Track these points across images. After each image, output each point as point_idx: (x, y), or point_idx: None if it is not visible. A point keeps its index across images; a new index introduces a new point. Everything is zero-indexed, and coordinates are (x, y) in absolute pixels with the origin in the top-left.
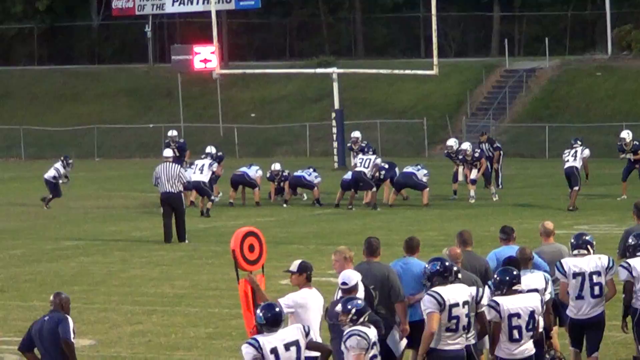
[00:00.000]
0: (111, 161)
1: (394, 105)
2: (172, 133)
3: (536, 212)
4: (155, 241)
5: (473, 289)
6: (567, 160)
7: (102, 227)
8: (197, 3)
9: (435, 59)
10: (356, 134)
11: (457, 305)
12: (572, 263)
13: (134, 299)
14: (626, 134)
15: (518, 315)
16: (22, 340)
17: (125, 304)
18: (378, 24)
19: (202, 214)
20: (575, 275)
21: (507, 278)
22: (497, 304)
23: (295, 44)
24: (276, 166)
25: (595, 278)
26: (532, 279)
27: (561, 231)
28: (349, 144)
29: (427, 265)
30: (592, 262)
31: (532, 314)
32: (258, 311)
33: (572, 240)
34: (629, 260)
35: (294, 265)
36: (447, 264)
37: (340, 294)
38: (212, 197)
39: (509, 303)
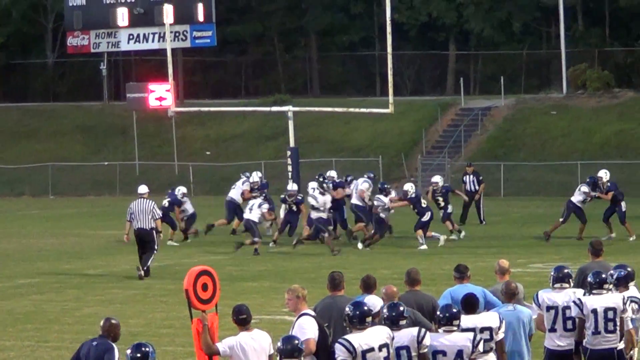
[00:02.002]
0: (65, 199)
1: (350, 144)
2: (257, 176)
3: (491, 250)
4: (109, 279)
5: (414, 330)
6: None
7: (56, 265)
8: (153, 41)
9: (390, 97)
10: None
11: (371, 350)
12: (547, 296)
13: (87, 338)
14: (603, 173)
15: (444, 353)
16: (72, 358)
17: (79, 342)
18: (333, 62)
19: (255, 252)
20: (548, 308)
21: (443, 316)
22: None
23: (251, 82)
24: (293, 187)
25: (567, 312)
26: (486, 317)
27: (516, 269)
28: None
29: (347, 309)
30: (566, 295)
31: (459, 353)
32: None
33: (553, 274)
34: (581, 298)
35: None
36: (364, 308)
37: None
38: (255, 238)
39: (442, 340)
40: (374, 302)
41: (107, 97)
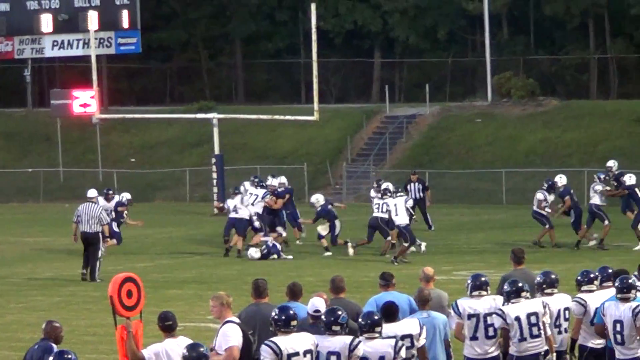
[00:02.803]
0: None
1: (275, 151)
2: (280, 179)
3: (416, 258)
4: (32, 286)
5: (348, 338)
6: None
7: None
8: (77, 47)
9: (315, 105)
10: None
11: (296, 354)
12: (467, 304)
13: (10, 345)
14: (558, 178)
15: None
16: None
17: (2, 349)
18: (258, 69)
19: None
20: (469, 316)
21: (365, 323)
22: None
23: (176, 88)
24: (281, 179)
25: (489, 319)
26: (406, 324)
27: (441, 277)
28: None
29: (273, 312)
30: (487, 303)
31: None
32: None
33: (470, 282)
34: (503, 308)
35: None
36: (290, 312)
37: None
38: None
39: (364, 347)
40: (318, 303)
41: (31, 104)
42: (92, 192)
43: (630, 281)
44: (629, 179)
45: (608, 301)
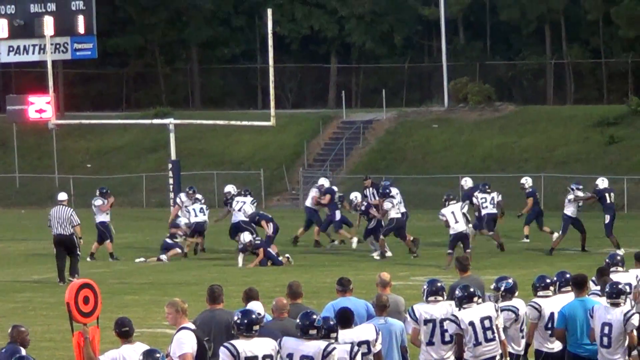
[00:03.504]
0: None
1: (231, 156)
2: (324, 181)
3: (372, 263)
4: None
5: (323, 343)
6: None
7: None
8: (33, 53)
9: (272, 110)
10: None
11: (254, 358)
12: (424, 309)
13: None
14: (525, 180)
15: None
16: None
17: None
18: (215, 74)
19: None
20: (426, 321)
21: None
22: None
23: (132, 94)
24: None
25: (445, 324)
26: (363, 330)
27: (397, 282)
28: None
29: (235, 316)
30: (443, 308)
31: None
32: None
33: (426, 287)
34: (456, 314)
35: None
36: (252, 316)
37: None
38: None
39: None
40: (256, 308)
41: None
42: (62, 196)
43: (620, 287)
44: (602, 183)
45: (597, 304)
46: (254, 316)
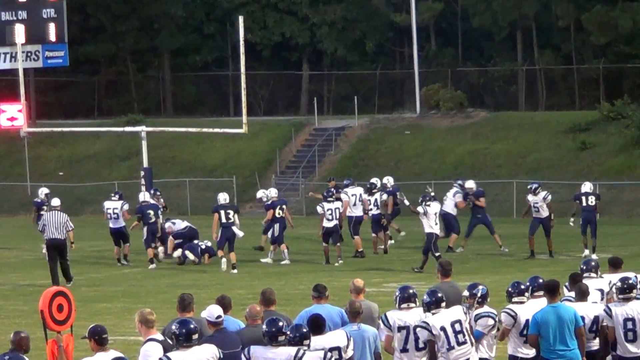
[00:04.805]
0: None
1: (204, 164)
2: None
3: (346, 269)
4: None
5: (293, 350)
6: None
7: None
8: (5, 61)
9: (244, 118)
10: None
11: None
12: (397, 316)
13: None
14: (471, 183)
15: None
16: None
17: None
18: (187, 82)
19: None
20: (399, 328)
21: (293, 336)
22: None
23: (104, 102)
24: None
25: (417, 331)
26: (334, 337)
27: (371, 289)
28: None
29: (172, 326)
30: (416, 315)
31: None
32: None
33: (398, 294)
34: (426, 320)
35: (87, 330)
36: (191, 326)
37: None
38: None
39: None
40: (214, 311)
41: None
42: (56, 201)
43: (631, 281)
44: (583, 187)
45: (612, 304)
46: (192, 326)
